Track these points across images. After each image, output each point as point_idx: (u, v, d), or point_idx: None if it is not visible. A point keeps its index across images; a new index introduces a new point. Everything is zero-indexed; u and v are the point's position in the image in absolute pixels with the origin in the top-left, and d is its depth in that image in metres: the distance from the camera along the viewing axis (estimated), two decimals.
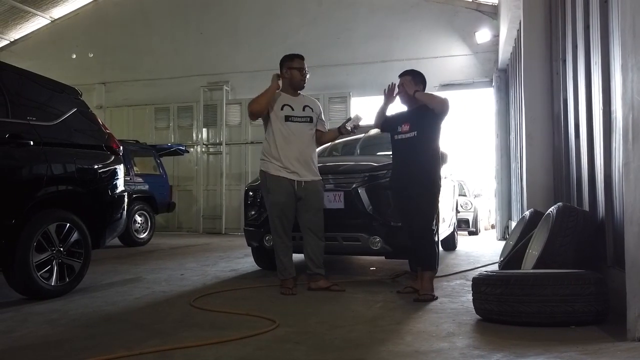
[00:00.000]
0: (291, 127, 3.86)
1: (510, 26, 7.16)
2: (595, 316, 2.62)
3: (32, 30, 13.26)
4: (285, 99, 3.93)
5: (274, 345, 2.43)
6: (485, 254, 6.70)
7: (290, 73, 3.94)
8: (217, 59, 11.71)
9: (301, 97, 4.02)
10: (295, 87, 3.97)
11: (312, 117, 3.96)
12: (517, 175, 7.92)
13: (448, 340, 2.44)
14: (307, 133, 3.93)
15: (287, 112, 3.88)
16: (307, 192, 3.85)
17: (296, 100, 3.96)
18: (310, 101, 4.06)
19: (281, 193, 3.81)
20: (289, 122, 3.87)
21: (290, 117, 3.88)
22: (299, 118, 3.90)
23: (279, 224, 3.84)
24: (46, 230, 3.59)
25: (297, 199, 3.83)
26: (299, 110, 3.92)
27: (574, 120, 4.19)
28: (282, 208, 3.82)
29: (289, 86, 3.96)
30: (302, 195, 3.83)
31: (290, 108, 3.89)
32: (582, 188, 3.85)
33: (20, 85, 3.75)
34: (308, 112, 3.95)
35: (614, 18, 3.05)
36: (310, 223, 3.88)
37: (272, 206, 3.86)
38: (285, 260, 3.87)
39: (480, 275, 2.95)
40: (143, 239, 8.13)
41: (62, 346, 2.48)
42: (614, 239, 3.05)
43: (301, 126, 3.90)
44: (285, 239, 3.87)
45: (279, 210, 3.82)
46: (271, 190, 3.85)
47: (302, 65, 3.96)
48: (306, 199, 3.85)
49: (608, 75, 3.16)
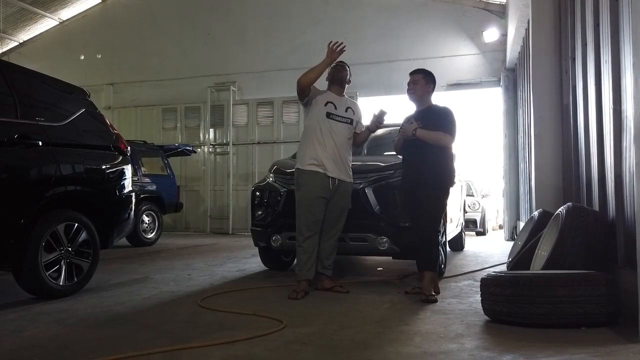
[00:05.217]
0: (331, 124, 3.86)
1: (519, 25, 7.10)
2: (607, 318, 2.59)
3: (41, 32, 13.36)
4: (329, 96, 3.95)
5: (282, 346, 2.43)
6: (493, 254, 6.66)
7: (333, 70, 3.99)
8: (224, 59, 11.73)
9: (345, 99, 4.04)
10: (338, 83, 3.98)
11: (353, 120, 3.98)
12: (525, 175, 7.86)
13: (457, 342, 2.42)
14: (345, 134, 3.92)
15: (330, 110, 3.89)
16: (338, 192, 3.84)
17: (340, 100, 3.97)
18: (353, 104, 4.08)
19: (313, 189, 3.76)
20: (330, 120, 3.87)
21: (331, 115, 3.88)
22: (340, 117, 3.91)
23: (304, 220, 3.76)
24: (55, 230, 3.61)
25: (328, 197, 3.80)
26: (341, 110, 3.93)
27: (583, 120, 4.15)
28: (312, 204, 3.75)
29: (334, 82, 4.00)
30: (333, 194, 3.82)
31: (334, 106, 3.91)
32: (592, 188, 3.80)
33: (29, 86, 3.77)
34: (350, 114, 3.97)
35: (624, 16, 3.01)
36: (333, 224, 3.87)
37: (300, 202, 3.80)
38: (303, 260, 3.78)
39: (489, 276, 2.92)
40: (151, 239, 8.16)
41: (71, 346, 2.49)
42: (625, 239, 3.01)
43: (341, 126, 3.90)
44: (309, 236, 3.75)
45: (306, 207, 3.76)
46: (303, 185, 3.80)
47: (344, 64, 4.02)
48: (335, 198, 3.83)
49: (618, 73, 3.12)
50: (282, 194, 4.51)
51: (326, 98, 3.93)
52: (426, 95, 3.80)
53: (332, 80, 4.02)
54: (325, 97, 3.94)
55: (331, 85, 4.03)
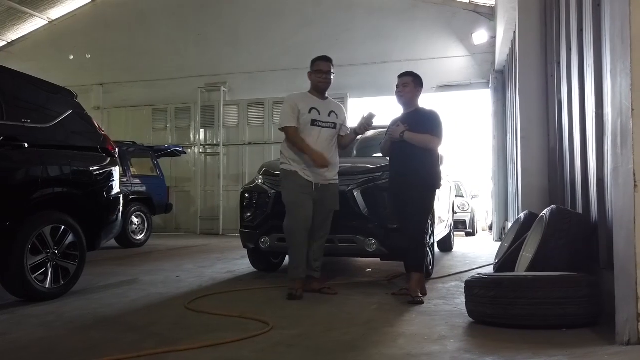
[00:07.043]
0: (316, 131, 3.85)
1: (507, 27, 7.17)
2: (588, 319, 2.63)
3: (30, 31, 13.25)
4: (313, 102, 3.91)
5: (268, 348, 2.45)
6: (481, 255, 6.72)
7: (311, 77, 3.96)
8: (215, 60, 11.71)
9: (328, 102, 4.01)
10: (318, 90, 3.96)
11: (337, 124, 3.96)
12: (513, 177, 7.94)
13: (440, 344, 2.46)
14: (330, 138, 3.92)
15: (314, 116, 3.86)
16: (324, 195, 3.85)
17: (323, 104, 3.94)
18: (336, 107, 4.05)
19: (300, 191, 3.78)
20: (314, 127, 3.85)
21: (316, 122, 3.86)
22: (324, 123, 3.89)
23: (294, 222, 3.78)
24: (41, 232, 3.60)
25: (315, 200, 3.82)
26: (325, 115, 3.90)
27: (568, 123, 4.20)
28: (301, 206, 3.77)
29: (313, 88, 3.97)
30: (318, 197, 3.83)
31: (317, 112, 3.88)
32: (576, 191, 3.86)
33: (15, 88, 3.75)
34: (333, 118, 3.95)
35: (606, 21, 3.06)
36: (319, 228, 3.89)
37: (290, 204, 3.82)
38: (296, 260, 3.81)
39: (473, 278, 2.96)
40: (140, 240, 8.13)
41: (57, 349, 2.49)
42: (607, 241, 3.06)
43: (325, 131, 3.89)
44: (300, 238, 3.77)
45: (296, 208, 3.78)
46: (290, 185, 3.83)
47: (322, 67, 3.92)
48: (322, 201, 3.85)
49: (601, 78, 3.17)
50: (271, 195, 4.52)
51: (309, 104, 3.89)
52: (414, 98, 3.85)
53: (314, 87, 3.98)
54: (308, 103, 3.90)
55: (313, 90, 3.99)
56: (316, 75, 3.93)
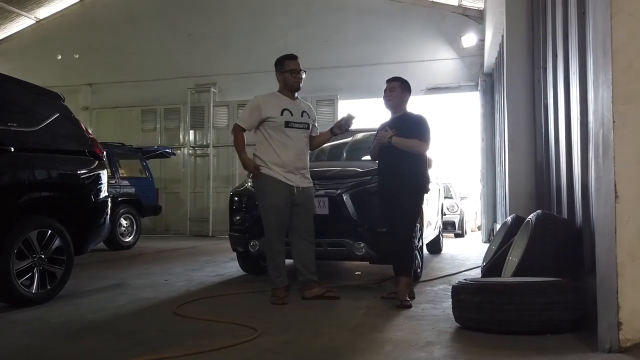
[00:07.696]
0: (290, 132, 3.79)
1: (495, 31, 7.23)
2: (572, 324, 2.66)
3: (17, 31, 13.10)
4: (285, 103, 3.83)
5: (255, 355, 2.45)
6: (470, 257, 6.77)
7: (283, 77, 3.86)
8: (205, 60, 11.67)
9: (299, 102, 3.93)
10: (291, 90, 3.88)
11: (309, 124, 3.91)
12: (501, 179, 8.00)
13: (426, 350, 2.48)
14: (303, 139, 3.87)
15: (287, 118, 3.78)
16: (303, 198, 3.80)
17: (295, 105, 3.86)
18: (307, 107, 4.00)
19: (279, 197, 3.71)
20: (288, 128, 3.78)
21: (290, 123, 3.79)
22: (297, 124, 3.82)
23: (273, 229, 3.74)
24: (27, 237, 3.57)
25: (293, 205, 3.77)
26: (297, 116, 3.83)
27: (553, 128, 4.25)
28: (279, 212, 3.72)
29: (286, 89, 3.88)
30: (299, 201, 3.77)
31: (290, 113, 3.81)
32: (562, 196, 3.91)
33: (0, 91, 3.72)
34: (305, 118, 3.88)
35: (591, 29, 3.10)
36: (303, 228, 3.81)
37: (268, 210, 3.76)
38: (278, 268, 3.77)
39: (459, 283, 2.98)
40: (128, 242, 8.09)
41: (42, 356, 2.48)
42: (591, 246, 3.09)
43: (299, 132, 3.83)
44: (278, 245, 3.76)
45: (275, 215, 3.73)
46: (268, 194, 3.74)
47: (295, 67, 3.82)
48: (301, 204, 3.79)
49: (585, 85, 3.21)
50: None
51: (280, 105, 3.80)
52: (402, 103, 3.87)
53: (287, 87, 3.87)
54: (279, 104, 3.81)
55: (284, 90, 3.88)
56: (291, 74, 3.81)
